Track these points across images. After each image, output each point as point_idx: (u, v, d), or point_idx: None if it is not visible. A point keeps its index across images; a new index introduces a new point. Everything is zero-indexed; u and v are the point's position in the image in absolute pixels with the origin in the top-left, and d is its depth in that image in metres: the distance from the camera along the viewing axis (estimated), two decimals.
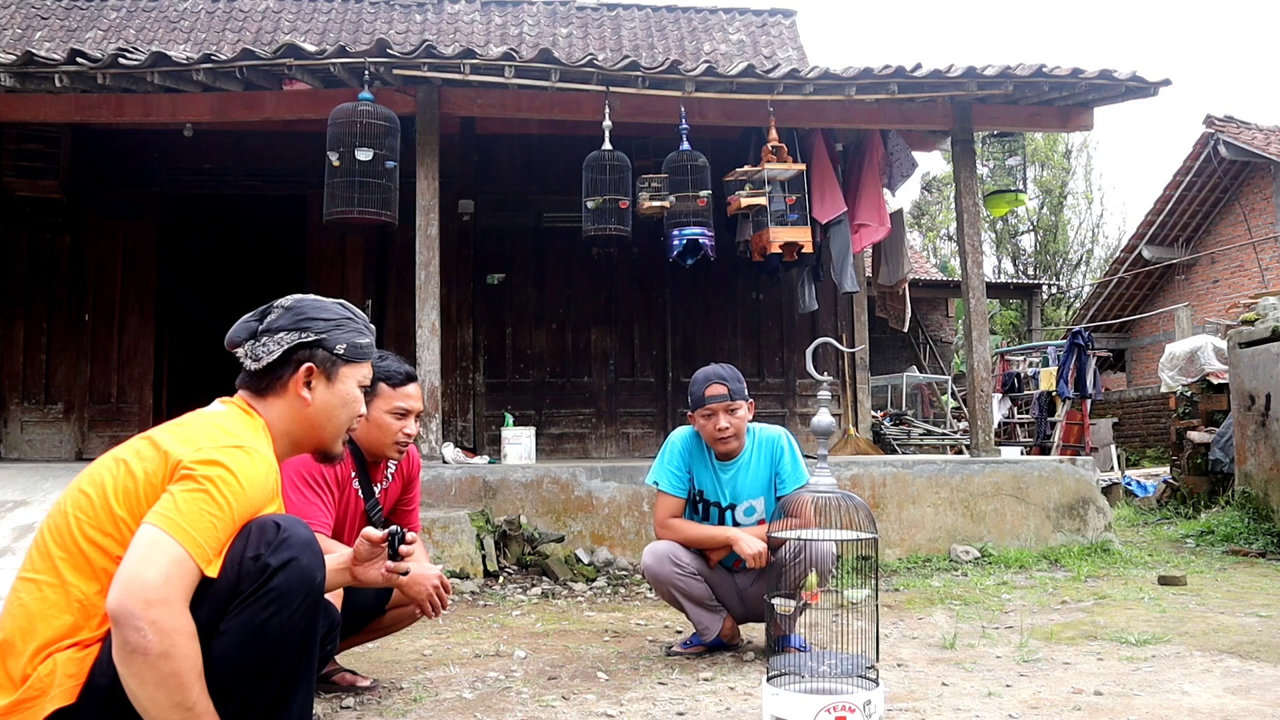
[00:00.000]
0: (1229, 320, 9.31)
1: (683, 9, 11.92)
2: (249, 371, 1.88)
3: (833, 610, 2.68)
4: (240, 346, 1.89)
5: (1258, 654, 3.43)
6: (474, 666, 3.36)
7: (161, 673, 1.49)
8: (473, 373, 8.34)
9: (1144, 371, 17.05)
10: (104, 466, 1.71)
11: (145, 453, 1.69)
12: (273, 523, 1.68)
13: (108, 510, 1.63)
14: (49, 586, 1.61)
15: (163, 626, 1.49)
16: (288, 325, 1.88)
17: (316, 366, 1.87)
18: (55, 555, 1.63)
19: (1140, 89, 6.44)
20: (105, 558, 1.62)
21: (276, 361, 1.86)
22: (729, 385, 3.38)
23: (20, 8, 10.67)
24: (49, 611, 1.60)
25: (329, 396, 1.89)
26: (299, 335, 1.87)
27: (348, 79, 5.91)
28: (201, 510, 1.58)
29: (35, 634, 1.59)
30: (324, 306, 1.93)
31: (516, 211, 8.54)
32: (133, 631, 1.48)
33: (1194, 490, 8.24)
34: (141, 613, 1.48)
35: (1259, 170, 14.66)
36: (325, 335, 1.89)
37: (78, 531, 1.63)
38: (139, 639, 1.48)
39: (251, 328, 1.90)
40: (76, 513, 1.65)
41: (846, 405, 8.88)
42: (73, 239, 8.11)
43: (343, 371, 1.91)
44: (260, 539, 1.65)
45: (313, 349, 1.87)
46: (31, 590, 1.62)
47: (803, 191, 6.84)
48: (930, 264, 22.22)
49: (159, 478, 1.64)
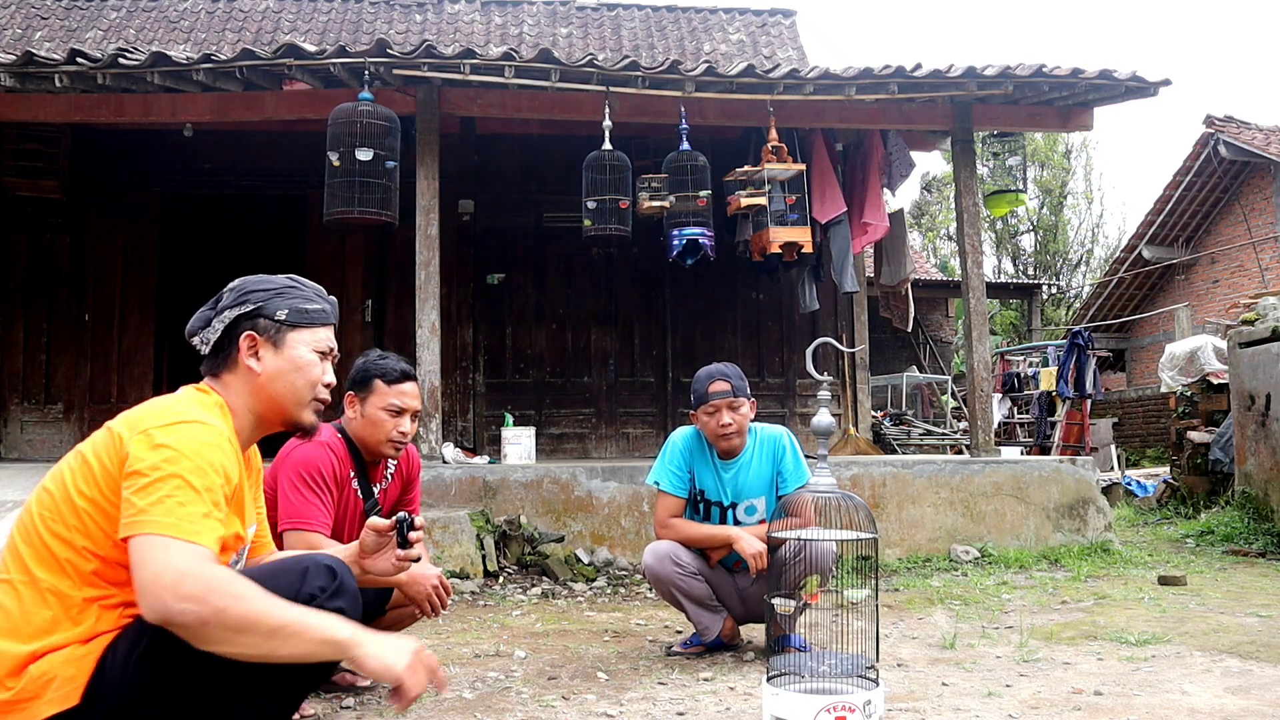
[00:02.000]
0: (1229, 320, 9.31)
1: (683, 9, 11.92)
2: (204, 356, 1.89)
3: (833, 610, 2.68)
4: (196, 335, 1.90)
5: (1258, 654, 3.43)
6: (474, 666, 3.36)
7: (231, 624, 1.50)
8: (473, 373, 8.34)
9: (1144, 371, 17.04)
10: (65, 463, 1.75)
11: (98, 438, 1.73)
12: (328, 568, 1.75)
13: (69, 502, 1.66)
14: (22, 585, 1.63)
15: (198, 597, 1.49)
16: (230, 303, 1.89)
17: (259, 335, 1.86)
18: (24, 553, 1.66)
19: (1140, 89, 6.44)
20: (69, 549, 1.64)
21: (221, 338, 1.87)
22: (732, 382, 3.39)
23: (20, 8, 10.67)
24: (28, 609, 1.62)
25: (279, 362, 1.87)
26: (239, 309, 1.87)
27: (348, 79, 5.91)
28: (163, 499, 1.57)
29: (19, 634, 1.61)
30: (266, 280, 1.93)
31: (516, 211, 8.55)
32: (181, 620, 1.49)
33: (1194, 490, 8.24)
34: (175, 604, 1.49)
35: (1259, 170, 14.65)
36: (263, 304, 1.88)
37: (42, 528, 1.66)
38: (192, 619, 1.49)
39: (206, 316, 1.90)
40: (40, 510, 1.69)
41: (846, 405, 8.88)
42: (73, 239, 8.11)
43: (290, 337, 1.88)
44: (316, 582, 1.72)
45: (253, 318, 1.87)
46: (7, 591, 1.64)
47: (803, 191, 6.84)
48: (930, 264, 22.22)
49: (113, 460, 1.66)
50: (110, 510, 1.64)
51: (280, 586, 1.63)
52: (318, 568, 1.75)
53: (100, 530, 1.64)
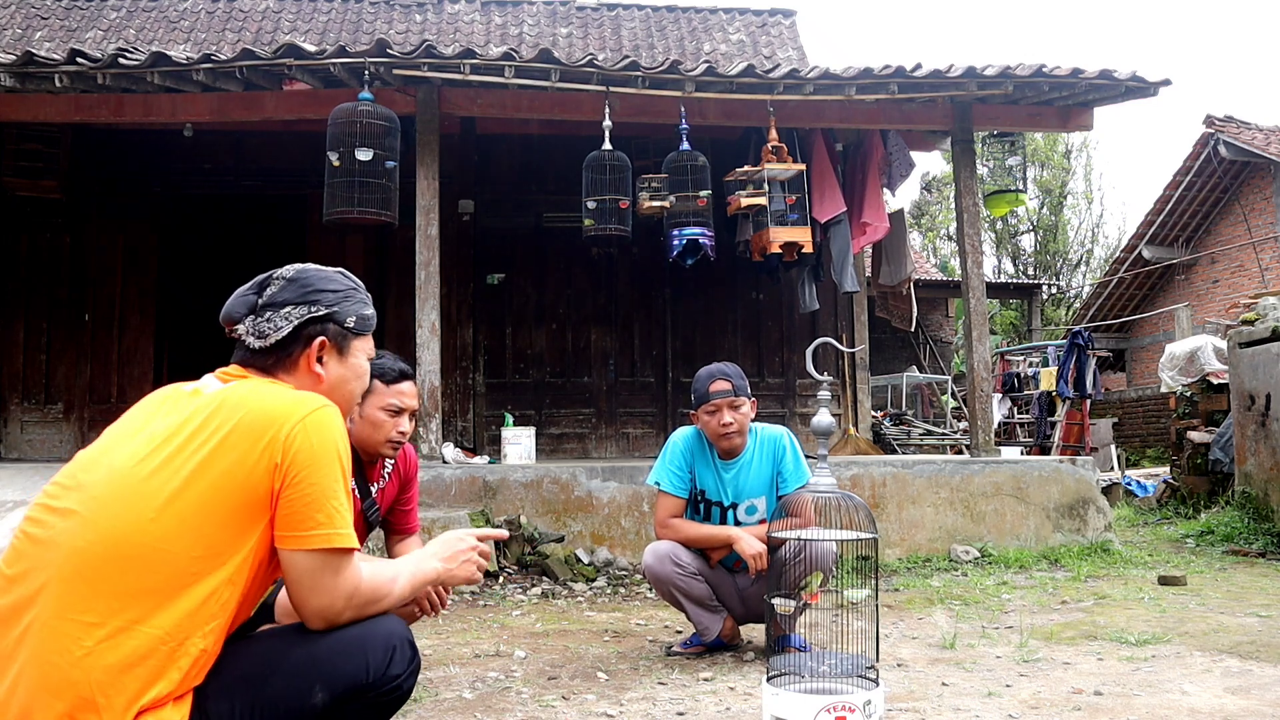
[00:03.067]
0: (1229, 320, 9.31)
1: (683, 9, 11.93)
2: (253, 350, 1.71)
3: (833, 610, 2.68)
4: (240, 323, 1.73)
5: (1258, 654, 3.43)
6: (474, 666, 3.36)
7: (371, 614, 1.65)
8: (473, 373, 8.34)
9: (1144, 371, 17.04)
10: (161, 482, 1.50)
11: (221, 463, 1.53)
12: (410, 645, 1.72)
13: (203, 538, 1.48)
14: (123, 633, 1.41)
15: (360, 606, 1.62)
16: (294, 298, 1.74)
17: (329, 341, 1.76)
18: (126, 594, 1.43)
19: (1140, 89, 6.44)
20: (194, 587, 1.48)
21: (286, 338, 1.72)
22: (732, 381, 3.39)
23: (20, 8, 10.67)
24: (130, 661, 1.41)
25: (342, 370, 1.79)
26: (308, 309, 1.74)
27: (348, 79, 5.91)
28: (323, 504, 1.55)
29: (122, 688, 1.40)
30: (329, 277, 1.81)
31: (516, 211, 8.55)
32: (340, 623, 1.60)
33: (1194, 490, 8.24)
34: (345, 613, 1.60)
35: (1259, 170, 14.65)
36: (336, 308, 1.77)
37: (157, 561, 1.45)
38: (349, 620, 1.61)
39: (250, 301, 1.74)
40: (150, 541, 1.46)
41: (846, 405, 8.88)
42: (73, 239, 8.11)
43: (354, 345, 1.81)
44: (402, 659, 1.68)
45: (324, 323, 1.75)
46: (98, 635, 1.40)
47: (803, 191, 6.84)
48: (930, 264, 22.22)
49: (251, 463, 1.52)
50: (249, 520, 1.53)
51: (367, 664, 1.63)
52: (404, 646, 1.70)
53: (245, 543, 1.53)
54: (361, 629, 1.63)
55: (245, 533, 1.51)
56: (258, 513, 1.52)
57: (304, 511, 1.53)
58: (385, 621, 1.67)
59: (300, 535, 1.53)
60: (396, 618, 1.72)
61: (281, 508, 1.53)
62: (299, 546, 1.53)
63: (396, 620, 1.71)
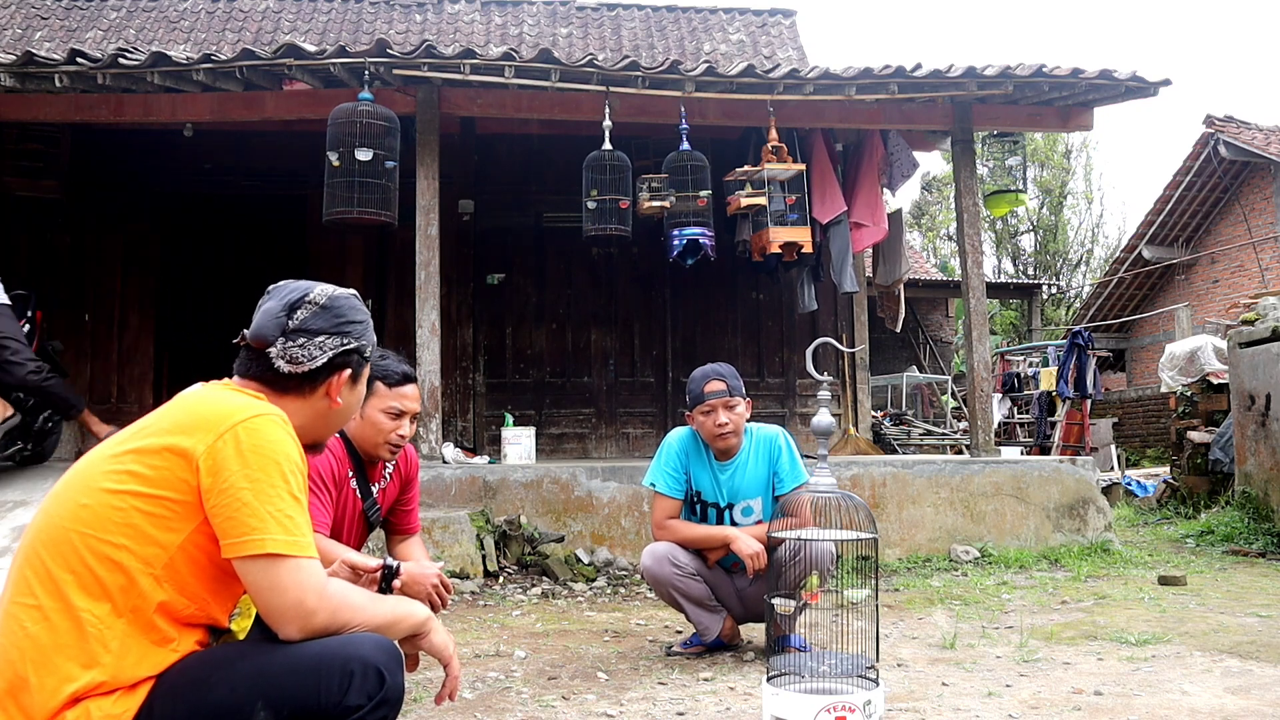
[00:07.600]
0: (1229, 320, 9.31)
1: (683, 9, 11.93)
2: (278, 372, 1.71)
3: (833, 610, 2.68)
4: (271, 346, 1.71)
5: (1258, 654, 3.43)
6: (474, 666, 3.36)
7: (345, 629, 1.59)
8: (473, 373, 8.34)
9: (1144, 371, 17.04)
10: (103, 473, 1.56)
11: (154, 459, 1.55)
12: (379, 672, 1.59)
13: (130, 527, 1.50)
14: (56, 613, 1.47)
15: (330, 611, 1.56)
16: (328, 328, 1.73)
17: (352, 371, 1.79)
18: (59, 578, 1.48)
19: (1140, 89, 6.44)
20: (120, 574, 1.49)
21: (320, 369, 1.73)
22: (727, 381, 3.40)
23: (20, 8, 10.67)
24: (62, 641, 1.46)
25: (351, 398, 1.82)
26: (341, 340, 1.74)
27: (348, 79, 5.91)
28: (256, 509, 1.51)
29: (53, 668, 1.45)
30: (356, 306, 1.82)
31: (516, 211, 8.54)
32: (313, 635, 1.56)
33: (1194, 490, 8.24)
34: (313, 623, 1.54)
35: (1259, 170, 14.65)
36: (363, 340, 1.79)
37: (84, 549, 1.49)
38: (320, 632, 1.56)
39: (281, 324, 1.71)
40: (80, 528, 1.50)
41: (846, 405, 8.88)
42: (73, 239, 8.11)
43: (364, 372, 1.85)
44: (363, 687, 1.55)
45: (352, 354, 1.77)
46: (34, 617, 1.47)
47: (803, 191, 6.84)
48: (930, 264, 22.23)
49: (185, 470, 1.52)
50: (182, 522, 1.52)
51: (319, 687, 1.52)
52: (368, 673, 1.56)
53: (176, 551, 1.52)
54: (322, 646, 1.54)
55: (171, 529, 1.52)
56: (187, 511, 1.52)
57: (237, 517, 1.51)
58: (355, 642, 1.57)
59: (234, 543, 1.51)
60: (376, 639, 1.60)
61: (213, 515, 1.52)
62: (235, 554, 1.51)
63: (374, 643, 1.59)
